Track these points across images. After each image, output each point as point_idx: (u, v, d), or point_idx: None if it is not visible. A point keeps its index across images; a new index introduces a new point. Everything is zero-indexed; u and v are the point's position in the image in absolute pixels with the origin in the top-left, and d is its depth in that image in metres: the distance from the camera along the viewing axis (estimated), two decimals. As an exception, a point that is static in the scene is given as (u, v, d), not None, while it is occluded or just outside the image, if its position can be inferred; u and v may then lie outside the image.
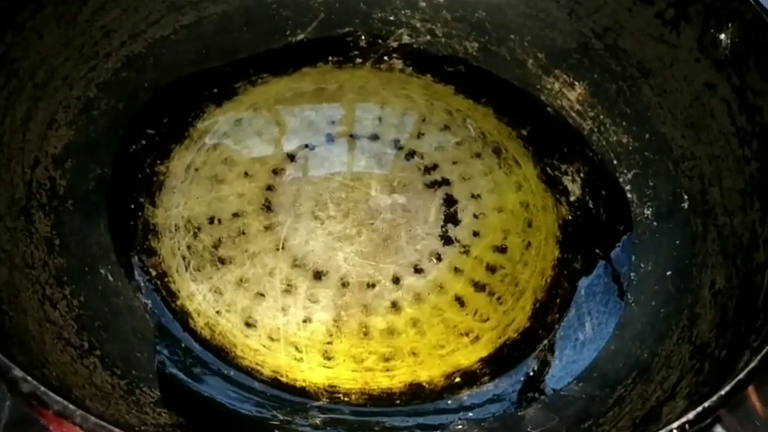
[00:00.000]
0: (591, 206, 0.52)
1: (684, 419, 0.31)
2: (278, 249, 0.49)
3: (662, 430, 0.32)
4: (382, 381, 0.44)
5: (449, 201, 0.51)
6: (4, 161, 0.44)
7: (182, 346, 0.44)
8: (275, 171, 0.52)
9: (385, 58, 0.58)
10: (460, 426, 0.43)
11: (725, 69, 0.48)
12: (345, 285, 0.48)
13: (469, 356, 0.46)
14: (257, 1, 0.57)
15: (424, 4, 0.59)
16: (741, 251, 0.43)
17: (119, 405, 0.39)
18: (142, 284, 0.46)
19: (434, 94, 0.56)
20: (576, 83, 0.57)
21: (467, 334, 0.46)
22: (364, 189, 0.51)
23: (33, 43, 0.46)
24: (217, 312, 0.46)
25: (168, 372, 0.43)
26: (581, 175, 0.54)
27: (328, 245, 0.49)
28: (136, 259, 0.47)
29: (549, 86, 0.57)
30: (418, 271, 0.48)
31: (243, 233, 0.49)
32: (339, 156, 0.53)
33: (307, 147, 0.53)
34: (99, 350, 0.42)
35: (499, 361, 0.45)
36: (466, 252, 0.49)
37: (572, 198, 0.53)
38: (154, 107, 0.52)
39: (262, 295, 0.47)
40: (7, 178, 0.44)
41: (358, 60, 0.58)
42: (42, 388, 0.29)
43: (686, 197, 0.49)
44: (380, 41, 0.58)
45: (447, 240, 0.50)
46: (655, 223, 0.50)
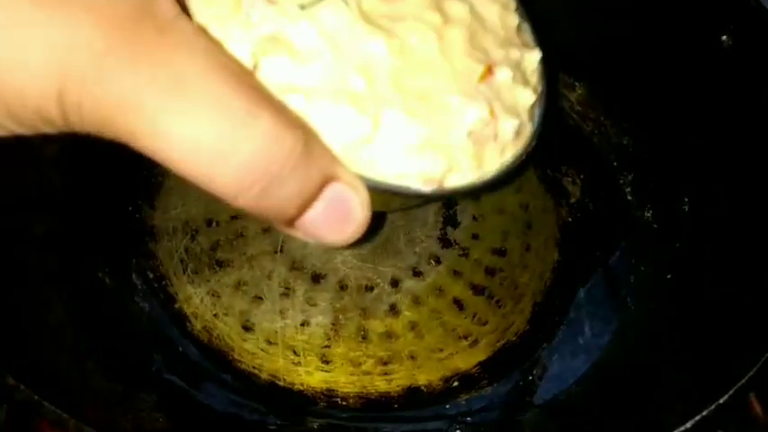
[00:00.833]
0: (591, 208, 0.52)
1: (683, 428, 0.31)
2: (276, 252, 0.48)
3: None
4: (380, 385, 0.44)
5: (448, 203, 0.51)
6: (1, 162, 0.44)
7: (179, 350, 0.44)
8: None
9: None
10: (458, 430, 0.42)
11: (726, 70, 0.48)
12: (344, 288, 0.47)
13: (468, 360, 0.45)
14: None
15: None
16: (743, 255, 0.43)
17: (115, 410, 0.39)
18: (139, 288, 0.46)
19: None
20: (577, 83, 0.56)
21: (465, 337, 0.46)
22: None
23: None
24: (214, 316, 0.46)
25: (165, 376, 0.43)
26: (581, 177, 0.53)
27: (327, 248, 0.48)
28: (133, 262, 0.47)
29: (550, 88, 0.57)
30: (417, 274, 0.48)
31: (241, 235, 0.49)
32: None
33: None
34: (96, 354, 0.41)
35: (498, 365, 0.45)
36: (465, 255, 0.49)
37: (572, 200, 0.53)
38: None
39: (260, 298, 0.47)
40: (3, 179, 0.44)
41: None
42: (36, 397, 0.29)
43: (686, 199, 0.49)
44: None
45: (446, 243, 0.49)
46: (655, 226, 0.50)
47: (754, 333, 0.39)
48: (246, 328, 0.46)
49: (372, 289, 0.47)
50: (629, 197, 0.52)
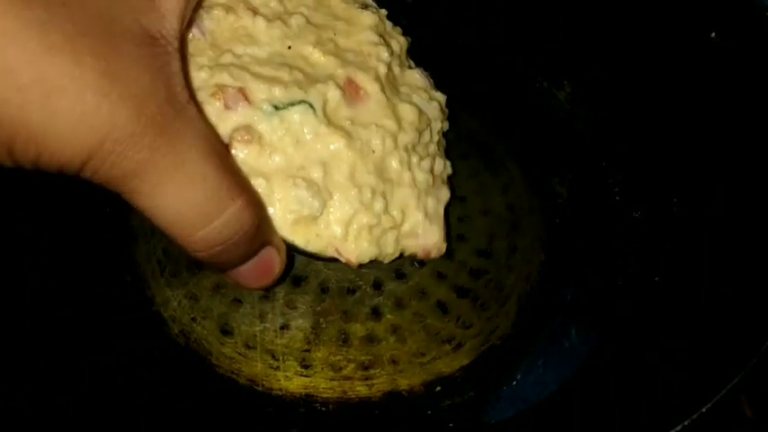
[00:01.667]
0: (579, 209, 0.51)
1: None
2: (256, 254, 0.47)
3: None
4: (361, 389, 0.43)
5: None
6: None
7: (155, 355, 0.43)
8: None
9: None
10: (441, 436, 0.41)
11: (715, 68, 0.47)
12: (325, 291, 0.46)
13: (451, 364, 0.44)
14: None
15: (410, 1, 0.58)
16: (735, 257, 0.42)
17: (89, 418, 0.38)
18: (115, 290, 0.45)
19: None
20: (565, 82, 0.55)
21: (449, 341, 0.45)
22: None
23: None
24: (192, 319, 0.45)
25: (141, 381, 0.42)
26: (569, 178, 0.52)
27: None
28: (110, 264, 0.46)
29: (538, 86, 0.56)
30: (400, 276, 0.47)
31: (220, 237, 0.48)
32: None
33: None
34: (69, 360, 0.40)
35: (482, 369, 0.44)
36: (449, 256, 0.48)
37: (560, 201, 0.52)
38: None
39: (239, 301, 0.46)
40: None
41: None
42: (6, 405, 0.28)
43: (676, 200, 0.48)
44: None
45: (430, 244, 0.48)
46: (644, 227, 0.49)
47: (743, 335, 0.38)
48: (225, 332, 0.45)
49: (354, 291, 0.46)
50: (617, 198, 0.51)
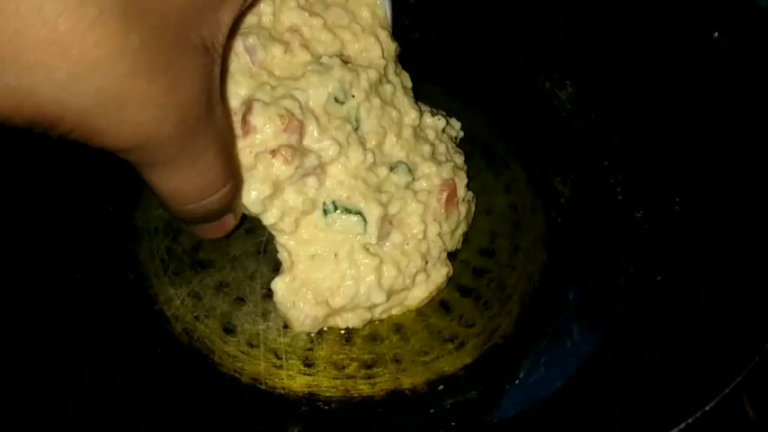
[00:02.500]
0: (581, 209, 0.51)
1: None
2: (259, 253, 0.47)
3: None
4: (364, 388, 0.43)
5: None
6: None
7: (158, 353, 0.43)
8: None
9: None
10: (444, 435, 0.42)
11: (718, 68, 0.47)
12: (328, 290, 0.46)
13: (454, 363, 0.44)
14: None
15: (413, 1, 0.58)
16: (736, 256, 0.42)
17: (91, 417, 0.38)
18: (119, 289, 0.45)
19: (421, 94, 0.54)
20: (567, 82, 0.55)
21: (451, 340, 0.45)
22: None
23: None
24: (195, 318, 0.45)
25: (144, 379, 0.42)
26: (571, 177, 0.52)
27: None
28: (113, 263, 0.46)
29: (540, 86, 0.56)
30: (403, 275, 0.47)
31: (224, 236, 0.48)
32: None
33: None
34: (72, 359, 0.40)
35: (484, 368, 0.44)
36: (452, 256, 0.48)
37: (562, 200, 0.52)
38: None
39: (242, 300, 0.46)
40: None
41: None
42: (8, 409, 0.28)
43: (678, 199, 0.48)
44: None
45: (433, 243, 0.48)
46: (646, 226, 0.49)
47: (745, 335, 0.38)
48: (228, 331, 0.45)
49: (357, 290, 0.46)
50: (619, 197, 0.51)
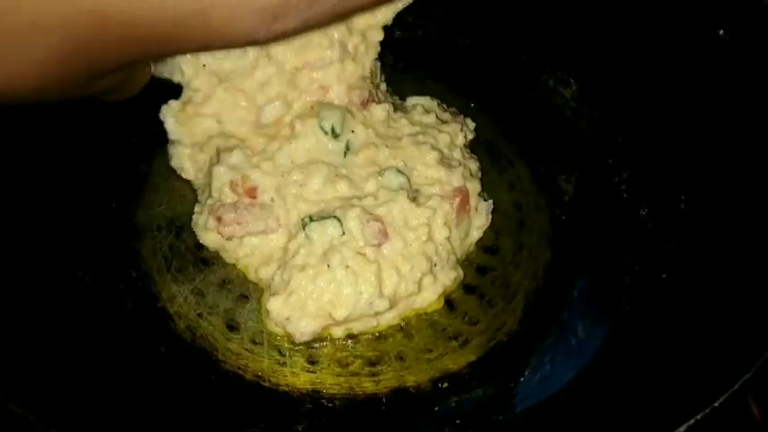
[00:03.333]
0: (585, 207, 0.51)
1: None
2: (263, 250, 0.47)
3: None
4: (368, 386, 0.43)
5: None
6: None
7: (161, 351, 0.43)
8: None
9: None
10: (448, 433, 0.41)
11: (723, 66, 0.47)
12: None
13: (458, 361, 0.44)
14: None
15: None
16: (742, 255, 0.42)
17: (94, 416, 0.38)
18: (121, 287, 0.45)
19: (425, 93, 0.54)
20: (571, 80, 0.55)
21: (455, 337, 0.45)
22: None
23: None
24: (198, 315, 0.45)
25: (147, 377, 0.41)
26: (575, 175, 0.52)
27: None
28: (115, 260, 0.46)
29: (543, 83, 0.56)
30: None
31: (227, 233, 0.47)
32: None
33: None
34: (75, 357, 0.40)
35: (488, 366, 0.44)
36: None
37: (566, 198, 0.52)
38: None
39: (245, 297, 0.46)
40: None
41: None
42: (11, 404, 0.27)
43: (683, 197, 0.47)
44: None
45: (437, 241, 0.48)
46: (650, 224, 0.49)
47: (751, 334, 0.38)
48: (231, 328, 0.44)
49: (361, 288, 0.46)
50: (624, 195, 0.51)
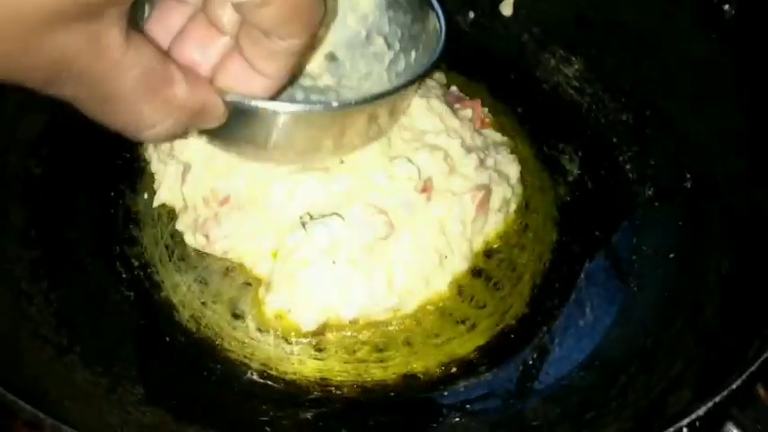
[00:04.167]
0: (590, 186, 0.50)
1: (695, 416, 0.30)
2: (266, 236, 0.47)
3: (671, 427, 0.30)
4: (376, 372, 0.43)
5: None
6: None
7: (166, 341, 0.43)
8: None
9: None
10: (458, 418, 0.41)
11: (728, 41, 0.47)
12: (338, 273, 0.46)
13: (465, 345, 0.44)
14: None
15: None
16: (750, 233, 0.42)
17: (100, 405, 0.38)
18: (123, 276, 0.44)
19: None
20: (573, 58, 0.55)
21: (463, 322, 0.45)
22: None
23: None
24: (203, 303, 0.44)
25: (152, 368, 0.41)
26: (579, 155, 0.52)
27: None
28: (116, 250, 0.45)
29: (546, 62, 0.55)
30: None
31: (229, 220, 0.47)
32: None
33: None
34: (79, 347, 0.40)
35: (496, 349, 0.44)
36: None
37: (570, 178, 0.51)
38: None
39: (249, 285, 0.45)
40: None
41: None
42: (10, 396, 0.27)
43: (689, 176, 0.47)
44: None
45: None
46: (656, 204, 0.48)
47: (761, 316, 0.37)
48: (236, 316, 0.44)
49: (367, 272, 0.46)
50: (629, 174, 0.50)
